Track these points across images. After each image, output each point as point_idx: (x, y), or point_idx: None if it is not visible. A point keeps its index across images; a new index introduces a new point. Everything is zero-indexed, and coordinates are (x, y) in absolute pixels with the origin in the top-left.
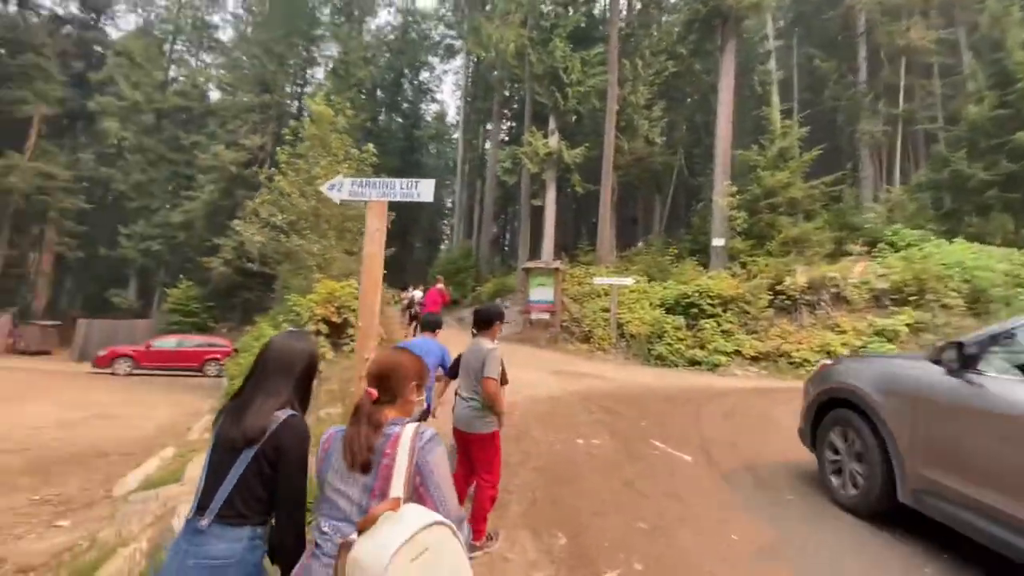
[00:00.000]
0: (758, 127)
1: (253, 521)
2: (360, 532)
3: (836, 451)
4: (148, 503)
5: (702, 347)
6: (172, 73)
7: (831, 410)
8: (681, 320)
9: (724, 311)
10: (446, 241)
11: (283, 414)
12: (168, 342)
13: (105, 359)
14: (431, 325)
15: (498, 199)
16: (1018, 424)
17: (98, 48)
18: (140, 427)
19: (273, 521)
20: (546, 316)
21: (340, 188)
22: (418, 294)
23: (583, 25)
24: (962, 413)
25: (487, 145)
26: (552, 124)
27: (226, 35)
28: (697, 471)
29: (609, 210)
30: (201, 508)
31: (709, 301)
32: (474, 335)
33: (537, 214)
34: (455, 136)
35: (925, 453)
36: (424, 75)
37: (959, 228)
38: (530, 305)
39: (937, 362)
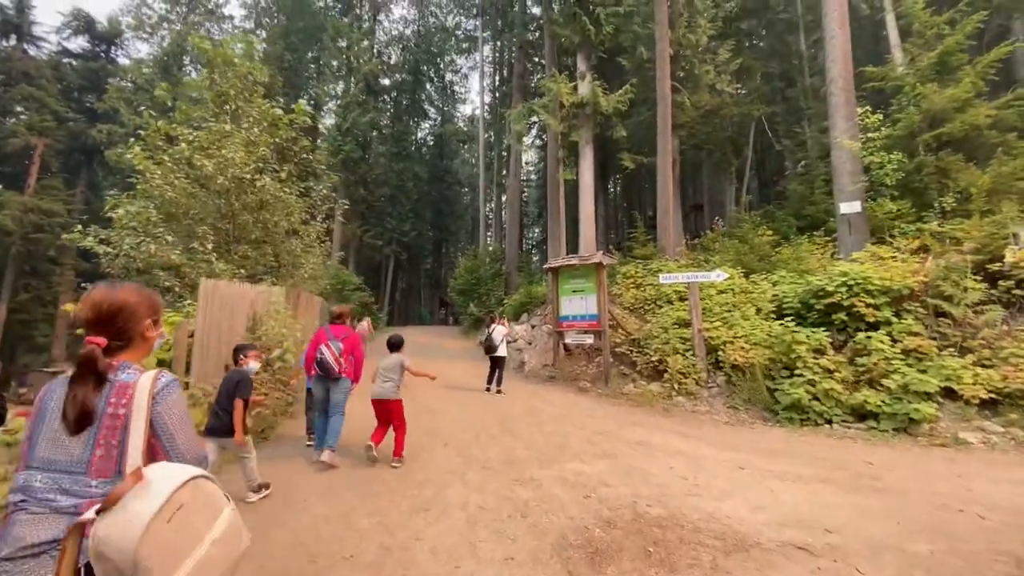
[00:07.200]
0: (873, 56)
1: None
2: (100, 511)
3: None
4: None
5: (870, 384)
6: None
7: None
8: (822, 336)
9: (897, 316)
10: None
11: None
12: None
13: None
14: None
15: (539, 198)
16: None
17: (110, 80)
18: None
19: None
20: (588, 340)
21: None
22: (500, 329)
23: None
24: None
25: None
26: (581, 65)
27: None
28: None
29: (671, 184)
30: None
31: (868, 299)
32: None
33: (572, 197)
34: (486, 136)
35: None
36: (449, 76)
37: None
38: (562, 323)
39: None
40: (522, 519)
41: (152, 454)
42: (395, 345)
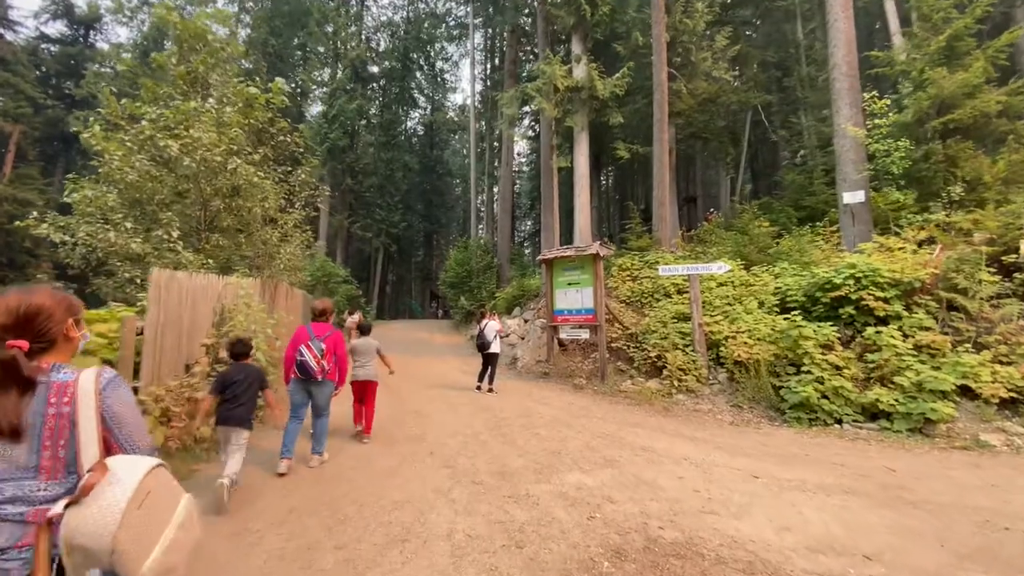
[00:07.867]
0: (865, 48)
1: None
2: (69, 505)
3: None
4: None
5: (882, 382)
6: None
7: None
8: (829, 331)
9: (908, 310)
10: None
11: None
12: None
13: None
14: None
15: (531, 190)
16: None
17: (89, 66)
18: None
19: None
20: (584, 335)
21: None
22: (492, 324)
23: None
24: None
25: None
26: (576, 47)
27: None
28: None
29: (667, 174)
30: None
31: (877, 292)
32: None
33: (566, 188)
34: (477, 125)
35: None
36: (439, 64)
37: None
38: (556, 317)
39: None
40: (518, 550)
41: (106, 448)
42: (368, 329)
